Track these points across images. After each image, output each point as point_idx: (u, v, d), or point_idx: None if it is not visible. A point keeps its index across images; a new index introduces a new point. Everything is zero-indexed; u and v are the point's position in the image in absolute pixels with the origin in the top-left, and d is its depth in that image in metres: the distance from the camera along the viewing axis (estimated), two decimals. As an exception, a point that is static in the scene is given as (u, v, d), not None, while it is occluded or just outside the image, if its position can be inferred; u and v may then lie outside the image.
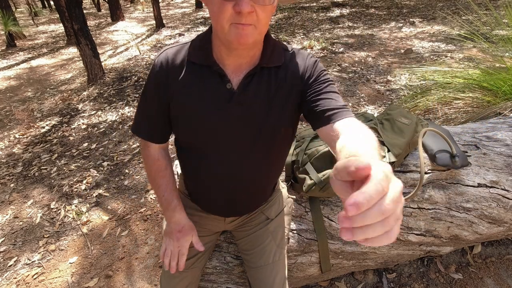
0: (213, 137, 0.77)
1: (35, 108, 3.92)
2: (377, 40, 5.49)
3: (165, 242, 0.92)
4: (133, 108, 3.54)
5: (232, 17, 0.61)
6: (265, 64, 0.73)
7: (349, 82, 3.78)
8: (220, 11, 0.61)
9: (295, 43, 5.67)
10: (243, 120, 0.75)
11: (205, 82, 0.73)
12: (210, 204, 0.92)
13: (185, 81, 0.74)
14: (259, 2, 0.61)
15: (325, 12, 8.32)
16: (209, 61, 0.72)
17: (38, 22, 11.20)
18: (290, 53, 0.77)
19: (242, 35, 0.62)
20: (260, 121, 0.75)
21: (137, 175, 2.40)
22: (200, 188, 0.90)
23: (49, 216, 2.07)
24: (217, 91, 0.73)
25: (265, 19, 0.64)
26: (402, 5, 8.26)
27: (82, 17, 3.95)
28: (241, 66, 0.73)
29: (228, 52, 0.70)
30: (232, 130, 0.76)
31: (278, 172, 0.94)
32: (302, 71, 0.74)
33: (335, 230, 1.17)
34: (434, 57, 4.25)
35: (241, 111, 0.74)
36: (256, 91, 0.73)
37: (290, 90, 0.74)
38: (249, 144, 0.77)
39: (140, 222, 1.95)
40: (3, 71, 5.65)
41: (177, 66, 0.75)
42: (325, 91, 0.70)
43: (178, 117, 0.77)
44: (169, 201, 0.88)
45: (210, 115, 0.74)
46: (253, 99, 0.73)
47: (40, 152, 2.88)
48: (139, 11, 12.16)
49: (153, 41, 6.73)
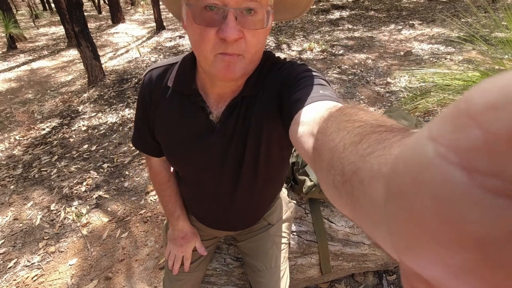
0: (197, 169, 0.74)
1: (36, 110, 3.93)
2: (376, 42, 5.51)
3: (169, 246, 0.94)
4: (133, 110, 3.55)
5: (217, 45, 0.50)
6: (247, 94, 0.63)
7: (349, 84, 3.79)
8: (201, 39, 0.50)
9: (295, 45, 5.69)
10: (224, 152, 0.68)
11: (187, 111, 0.67)
12: (206, 221, 0.92)
13: (167, 108, 0.69)
14: (248, 26, 0.50)
15: (325, 14, 8.35)
16: (190, 90, 0.65)
17: (39, 24, 11.24)
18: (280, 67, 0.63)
19: (229, 69, 0.52)
20: (241, 153, 0.68)
21: (137, 176, 2.40)
22: (194, 207, 0.91)
23: (49, 218, 2.07)
24: (198, 122, 0.67)
25: (257, 46, 0.53)
26: (401, 8, 8.30)
27: (83, 19, 3.97)
28: (224, 96, 0.65)
29: (212, 83, 0.63)
30: (214, 162, 0.70)
31: (274, 194, 0.93)
32: (279, 84, 0.60)
33: (335, 231, 1.17)
34: (433, 59, 4.26)
35: (222, 142, 0.67)
36: (235, 123, 0.65)
37: (269, 114, 0.62)
38: (232, 175, 0.72)
39: (140, 224, 1.95)
40: (3, 73, 5.66)
41: (161, 89, 0.69)
42: (300, 87, 0.52)
43: (161, 142, 0.75)
44: (172, 211, 0.90)
45: (192, 146, 0.69)
46: (233, 130, 0.66)
47: (40, 153, 2.88)
48: (139, 13, 12.20)
49: (153, 43, 6.75)
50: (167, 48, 6.24)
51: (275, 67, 0.63)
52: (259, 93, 0.63)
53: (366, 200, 0.18)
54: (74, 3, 3.84)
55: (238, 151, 0.68)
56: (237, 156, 0.68)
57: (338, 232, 1.18)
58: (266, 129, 0.64)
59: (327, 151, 0.26)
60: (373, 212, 0.16)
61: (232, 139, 0.67)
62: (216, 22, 0.49)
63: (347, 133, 0.25)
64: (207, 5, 0.48)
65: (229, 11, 0.48)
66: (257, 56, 0.56)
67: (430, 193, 0.10)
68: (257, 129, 0.64)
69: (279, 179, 0.87)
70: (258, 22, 0.51)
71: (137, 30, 8.81)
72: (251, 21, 0.50)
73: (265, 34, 0.55)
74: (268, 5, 0.52)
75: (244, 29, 0.50)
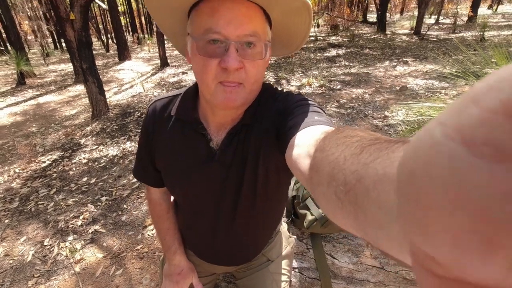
0: (197, 196, 0.75)
1: (38, 142, 3.97)
2: (373, 78, 5.72)
3: (165, 283, 0.90)
4: (134, 143, 3.58)
5: (219, 74, 0.55)
6: (246, 122, 0.66)
7: (347, 118, 3.87)
8: (205, 68, 0.55)
9: (294, 81, 5.90)
10: (224, 178, 0.70)
11: (188, 139, 0.70)
12: (203, 255, 0.90)
13: (169, 136, 0.72)
14: (248, 57, 0.55)
15: (322, 52, 8.76)
16: (192, 118, 0.69)
17: (49, 62, 11.76)
18: (276, 98, 0.67)
19: (230, 98, 0.56)
20: (240, 177, 0.69)
21: (135, 210, 2.36)
22: (192, 239, 0.89)
23: (42, 253, 2.00)
24: (199, 149, 0.70)
25: (256, 75, 0.57)
26: (394, 46, 8.73)
27: (92, 57, 4.17)
28: (225, 124, 0.68)
29: (213, 112, 0.66)
30: (214, 191, 0.72)
31: (273, 225, 0.91)
32: (276, 113, 0.63)
33: (338, 268, 1.13)
34: (428, 93, 4.39)
35: (221, 171, 0.69)
36: (235, 149, 0.67)
37: (268, 140, 0.65)
38: (231, 204, 0.72)
39: (136, 260, 1.87)
40: (10, 107, 5.81)
41: (164, 119, 0.73)
42: (295, 114, 0.55)
43: (162, 170, 0.76)
44: (169, 244, 0.87)
45: (192, 173, 0.71)
46: (233, 156, 0.68)
47: (38, 186, 2.86)
48: (145, 51, 12.83)
49: (157, 79, 7.01)
50: (170, 83, 6.47)
51: (273, 96, 0.67)
52: (257, 121, 0.66)
53: (371, 203, 0.18)
54: (85, 43, 4.06)
55: (237, 176, 0.69)
56: (237, 180, 0.69)
57: (342, 269, 1.13)
58: (263, 154, 0.65)
59: (327, 165, 0.26)
60: (379, 215, 0.17)
61: (231, 166, 0.68)
62: (219, 54, 0.54)
63: (346, 147, 0.25)
64: (211, 39, 0.54)
65: (230, 44, 0.53)
66: (257, 85, 0.60)
67: (439, 171, 0.11)
68: (255, 153, 0.66)
69: (278, 208, 0.86)
70: (257, 54, 0.56)
71: (142, 66, 9.20)
72: (250, 53, 0.55)
73: (264, 65, 0.59)
74: (266, 40, 0.58)
75: (244, 60, 0.54)
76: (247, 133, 0.67)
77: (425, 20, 11.67)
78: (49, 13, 13.97)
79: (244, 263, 0.92)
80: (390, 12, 17.60)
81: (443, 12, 12.73)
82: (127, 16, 19.06)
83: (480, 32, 8.30)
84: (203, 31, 0.54)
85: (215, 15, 0.53)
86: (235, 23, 0.53)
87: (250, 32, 0.54)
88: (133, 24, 16.87)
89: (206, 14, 0.54)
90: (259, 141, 0.65)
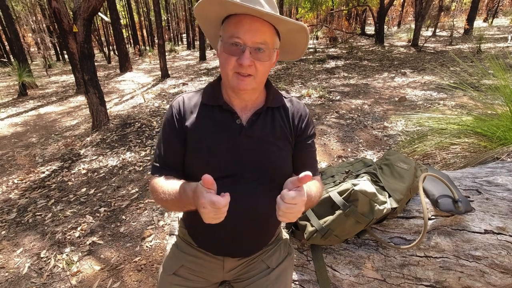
0: (223, 168, 0.82)
1: (37, 153, 3.96)
2: (371, 89, 5.76)
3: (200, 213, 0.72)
4: (134, 154, 3.58)
5: (235, 67, 0.75)
6: (270, 105, 0.86)
7: (347, 128, 3.88)
8: (226, 62, 0.76)
9: (293, 92, 5.94)
10: (251, 152, 0.83)
11: (217, 119, 0.84)
12: (211, 243, 0.91)
13: (198, 119, 0.84)
14: (258, 59, 0.75)
15: (321, 63, 8.87)
16: (220, 102, 0.84)
17: (51, 73, 11.88)
18: (287, 99, 0.92)
19: (242, 84, 0.77)
20: (267, 152, 0.84)
21: (134, 221, 2.34)
22: (204, 226, 0.86)
23: (38, 266, 1.97)
24: (227, 126, 0.83)
25: (263, 71, 0.78)
26: (392, 58, 8.84)
27: (93, 68, 4.22)
28: (247, 106, 0.86)
29: (234, 94, 0.84)
30: (240, 161, 0.83)
31: (278, 220, 0.91)
32: (299, 117, 0.89)
33: (339, 281, 1.11)
34: (427, 104, 4.42)
35: (249, 143, 0.83)
36: (262, 126, 0.84)
37: (290, 127, 0.88)
38: (257, 175, 0.83)
39: (133, 272, 1.84)
40: (11, 118, 5.83)
41: (192, 107, 0.86)
42: (307, 150, 0.90)
43: (192, 149, 0.84)
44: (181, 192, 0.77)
45: (221, 146, 0.82)
46: (260, 133, 0.84)
47: (37, 197, 2.84)
48: (146, 63, 12.98)
49: (157, 90, 7.06)
50: (171, 94, 6.51)
51: (296, 102, 0.93)
52: (282, 110, 0.88)
53: None
54: (87, 55, 4.11)
55: (262, 150, 0.84)
56: (262, 154, 0.83)
57: (343, 281, 1.11)
58: (286, 136, 0.87)
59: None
60: None
61: (258, 140, 0.83)
62: (237, 53, 0.75)
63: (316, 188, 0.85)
64: (233, 42, 0.75)
65: (246, 48, 0.74)
66: (263, 78, 0.81)
67: None
68: (280, 134, 0.86)
69: None
70: (265, 57, 0.77)
71: (143, 77, 9.29)
72: (260, 56, 0.76)
73: (270, 65, 0.80)
74: (274, 48, 0.79)
75: (255, 60, 0.75)
76: (272, 114, 0.86)
77: (422, 32, 11.87)
78: (53, 26, 14.21)
79: (244, 256, 0.93)
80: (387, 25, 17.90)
81: (440, 25, 12.95)
82: (129, 29, 19.37)
83: (476, 44, 8.43)
84: (229, 36, 0.75)
85: (238, 25, 0.74)
86: (251, 33, 0.73)
87: (261, 41, 0.74)
88: (135, 37, 17.13)
89: (233, 25, 0.75)
90: (283, 123, 0.87)
